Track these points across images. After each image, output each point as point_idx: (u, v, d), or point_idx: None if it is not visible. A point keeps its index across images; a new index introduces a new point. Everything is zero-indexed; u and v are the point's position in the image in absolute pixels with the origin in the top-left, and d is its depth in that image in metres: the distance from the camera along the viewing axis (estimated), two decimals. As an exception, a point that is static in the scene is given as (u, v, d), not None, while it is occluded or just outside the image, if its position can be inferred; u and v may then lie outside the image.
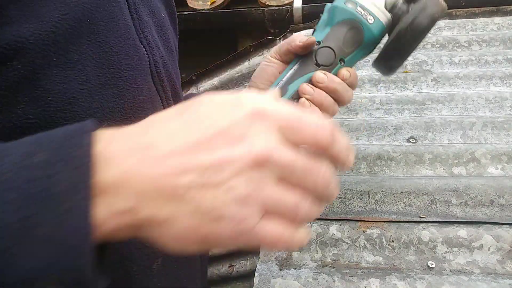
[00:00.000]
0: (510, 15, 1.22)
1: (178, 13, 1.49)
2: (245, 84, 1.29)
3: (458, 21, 1.19)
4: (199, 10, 1.46)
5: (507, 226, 0.62)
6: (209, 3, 1.46)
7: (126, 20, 0.42)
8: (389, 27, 0.50)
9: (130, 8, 0.44)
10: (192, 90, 1.30)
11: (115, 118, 0.40)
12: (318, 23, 0.53)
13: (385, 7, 0.49)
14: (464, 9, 1.26)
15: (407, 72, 1.02)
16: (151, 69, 0.46)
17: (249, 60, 1.47)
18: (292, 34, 1.33)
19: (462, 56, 1.03)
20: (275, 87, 0.51)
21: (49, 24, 0.33)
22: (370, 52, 0.53)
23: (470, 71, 0.98)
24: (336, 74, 0.50)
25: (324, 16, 0.52)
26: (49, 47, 0.33)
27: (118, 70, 0.40)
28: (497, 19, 1.17)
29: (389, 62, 0.52)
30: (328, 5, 0.52)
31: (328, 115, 0.50)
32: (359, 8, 0.48)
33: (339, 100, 0.50)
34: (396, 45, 0.48)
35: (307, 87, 0.48)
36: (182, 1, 1.48)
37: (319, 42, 0.50)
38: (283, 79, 0.50)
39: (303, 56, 0.51)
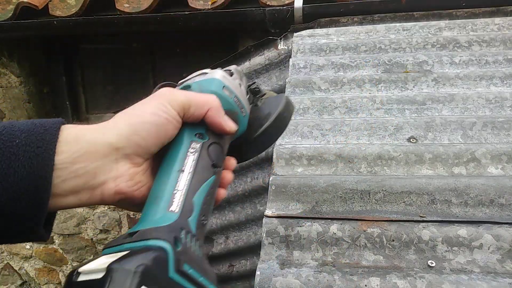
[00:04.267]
0: (510, 16, 1.22)
1: (178, 13, 1.49)
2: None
3: (459, 21, 1.19)
4: (200, 10, 1.46)
5: (507, 225, 0.62)
6: (210, 3, 1.46)
7: None
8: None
9: None
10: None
11: None
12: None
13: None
14: (464, 10, 1.26)
15: (407, 72, 1.02)
16: None
17: (249, 60, 1.47)
18: (292, 34, 1.33)
19: (462, 56, 1.04)
20: (167, 201, 0.33)
21: None
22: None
23: (470, 71, 0.98)
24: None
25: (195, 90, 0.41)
26: None
27: None
28: (497, 20, 1.17)
29: (247, 156, 0.48)
30: (198, 77, 0.42)
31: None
32: (235, 99, 0.42)
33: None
34: (262, 140, 0.45)
35: (223, 192, 0.41)
36: (183, 0, 1.48)
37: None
38: (180, 188, 0.34)
39: (200, 150, 0.38)
